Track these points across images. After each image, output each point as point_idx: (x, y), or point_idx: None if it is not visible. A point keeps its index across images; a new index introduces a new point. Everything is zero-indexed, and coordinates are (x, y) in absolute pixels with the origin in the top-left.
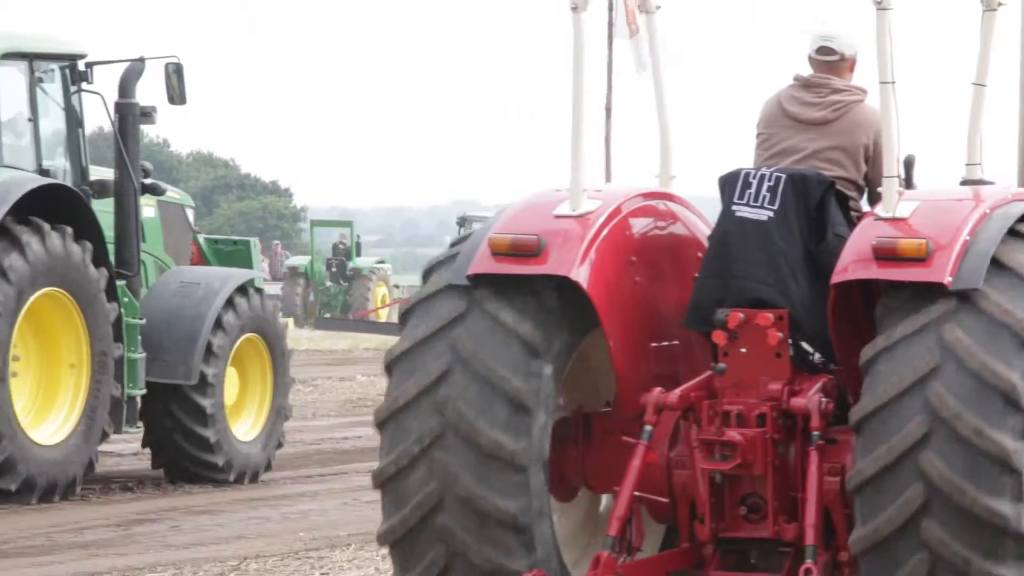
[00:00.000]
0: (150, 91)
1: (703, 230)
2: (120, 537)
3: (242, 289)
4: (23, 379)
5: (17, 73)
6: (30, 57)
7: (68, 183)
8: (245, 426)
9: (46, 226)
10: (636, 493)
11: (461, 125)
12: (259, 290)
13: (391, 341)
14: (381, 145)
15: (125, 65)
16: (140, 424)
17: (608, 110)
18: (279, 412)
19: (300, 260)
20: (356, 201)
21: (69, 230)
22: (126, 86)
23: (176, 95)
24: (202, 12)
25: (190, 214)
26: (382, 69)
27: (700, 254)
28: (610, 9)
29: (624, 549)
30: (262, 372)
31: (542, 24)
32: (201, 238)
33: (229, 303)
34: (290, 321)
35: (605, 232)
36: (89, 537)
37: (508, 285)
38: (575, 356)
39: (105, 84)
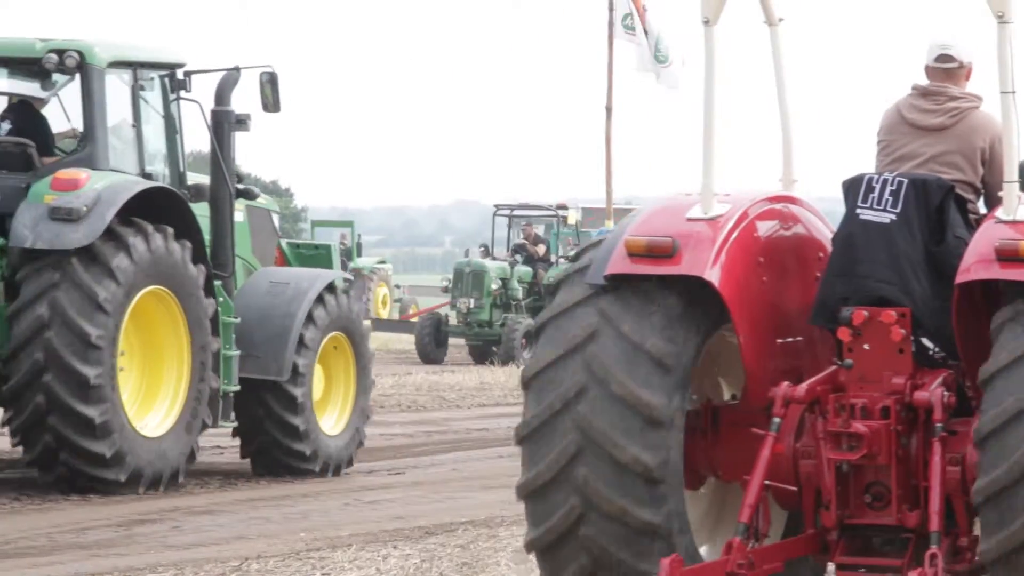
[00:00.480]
0: (245, 99)
1: (824, 232)
2: (121, 537)
3: (328, 288)
4: (127, 373)
5: (122, 81)
6: (134, 66)
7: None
8: (330, 421)
9: (150, 227)
10: (766, 482)
11: (462, 125)
12: (345, 291)
13: (395, 340)
14: (382, 145)
15: (221, 74)
16: (233, 418)
17: (609, 110)
18: (362, 411)
19: None
20: (356, 201)
21: (171, 231)
22: (222, 94)
23: (270, 103)
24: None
25: (276, 219)
26: (383, 69)
27: (822, 254)
28: (610, 9)
29: (753, 535)
30: (346, 370)
31: (541, 24)
32: (283, 242)
33: (319, 300)
34: None
35: (735, 234)
36: (90, 537)
37: (637, 298)
38: (701, 356)
39: (202, 92)
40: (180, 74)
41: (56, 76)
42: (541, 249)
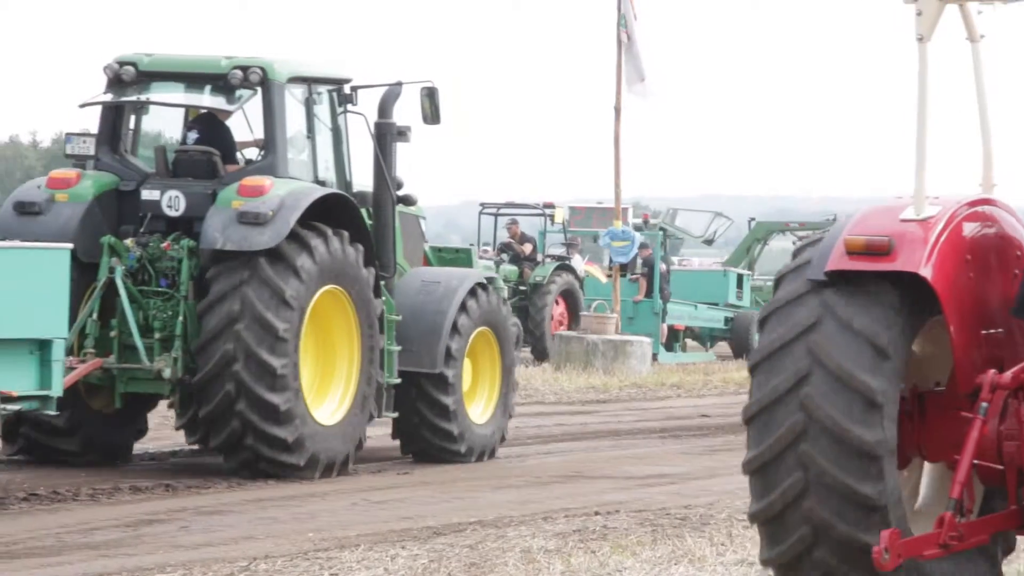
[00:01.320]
0: (406, 112)
1: (1022, 232)
2: (129, 537)
3: (476, 287)
4: (304, 366)
5: (297, 95)
6: (308, 81)
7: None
8: (477, 411)
9: (328, 231)
10: (973, 461)
11: (469, 124)
12: (493, 288)
13: None
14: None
15: (384, 89)
16: (394, 410)
17: (617, 111)
18: (507, 402)
19: None
20: None
21: (346, 234)
22: (385, 107)
23: (429, 116)
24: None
25: (423, 224)
26: (393, 69)
27: (1020, 253)
28: (619, 9)
29: (960, 510)
30: (491, 364)
31: (549, 24)
32: (426, 246)
33: (468, 298)
34: None
35: (945, 234)
36: (98, 538)
37: (856, 291)
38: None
39: (366, 105)
40: (347, 89)
41: (240, 91)
42: (527, 248)
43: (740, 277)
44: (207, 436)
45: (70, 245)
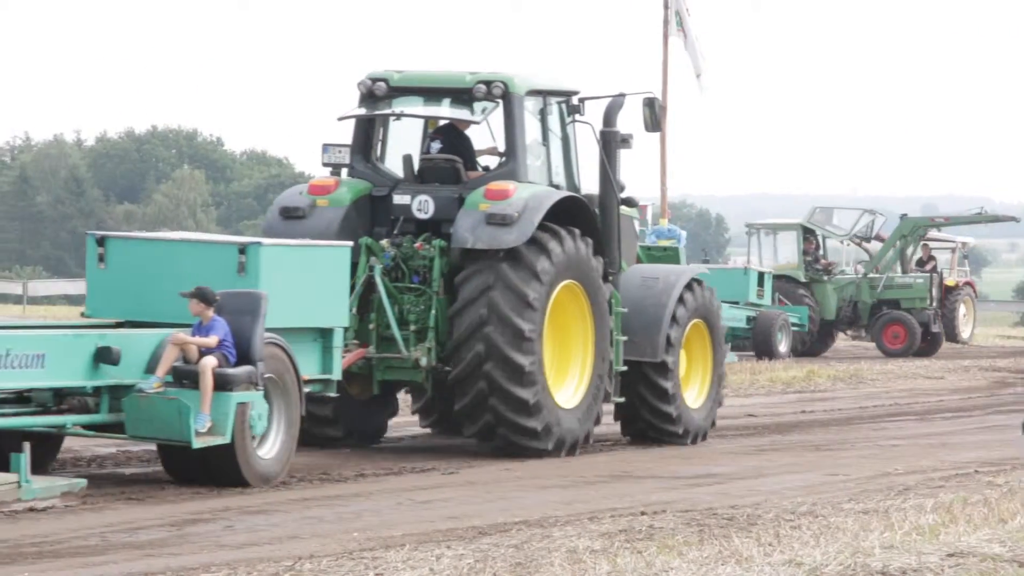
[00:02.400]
0: (629, 121)
1: None
2: (174, 537)
3: (692, 282)
4: (544, 356)
5: (534, 107)
6: (543, 94)
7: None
8: (692, 396)
9: (563, 231)
10: None
11: None
12: (702, 283)
13: None
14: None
15: (608, 100)
16: (620, 395)
17: (663, 108)
18: (718, 389)
19: None
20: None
21: (578, 231)
22: (609, 117)
23: (650, 124)
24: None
25: (636, 224)
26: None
27: None
28: (665, 7)
29: None
30: (704, 353)
31: (595, 20)
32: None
33: (688, 288)
34: None
35: None
36: (143, 537)
37: None
38: None
39: (592, 115)
40: (575, 100)
41: (483, 103)
42: None
43: (761, 275)
44: (440, 421)
45: (350, 243)
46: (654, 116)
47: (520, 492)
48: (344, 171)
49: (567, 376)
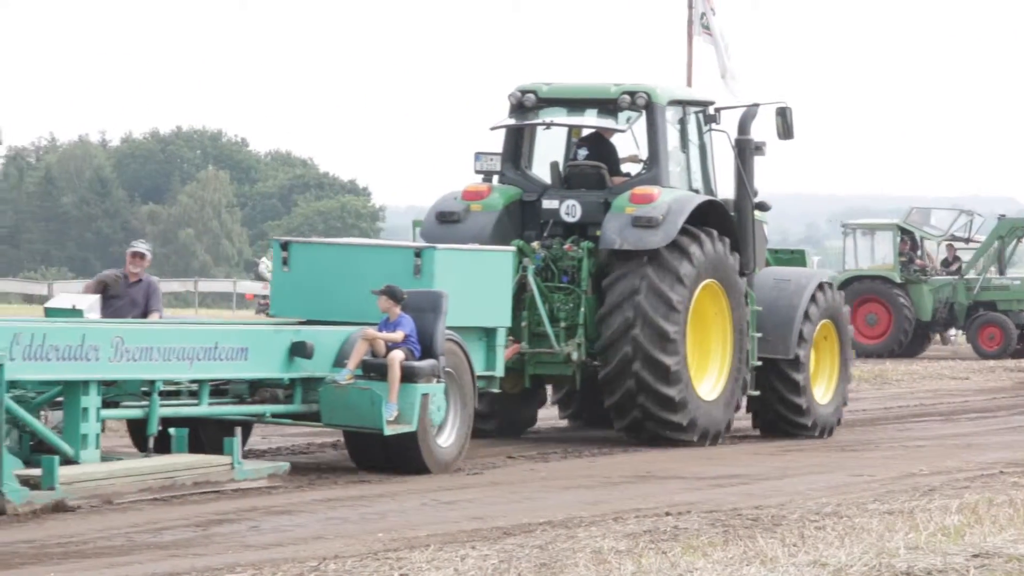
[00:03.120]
0: (762, 129)
1: None
2: (199, 537)
3: (822, 285)
4: (687, 352)
5: (674, 116)
6: (683, 104)
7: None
8: (820, 392)
9: (703, 233)
10: None
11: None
12: (832, 286)
13: None
14: (459, 145)
15: (743, 109)
16: (755, 389)
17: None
18: (845, 387)
19: None
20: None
21: (715, 233)
22: (744, 125)
23: (782, 132)
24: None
25: (766, 228)
26: (461, 67)
27: None
28: (690, 7)
29: None
30: (831, 351)
31: (620, 20)
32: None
33: (819, 289)
34: None
35: None
36: (167, 538)
37: None
38: None
39: (728, 124)
40: (711, 110)
41: (628, 112)
42: None
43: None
44: (578, 413)
45: (514, 248)
46: (786, 125)
47: (545, 493)
48: (495, 177)
49: (708, 369)
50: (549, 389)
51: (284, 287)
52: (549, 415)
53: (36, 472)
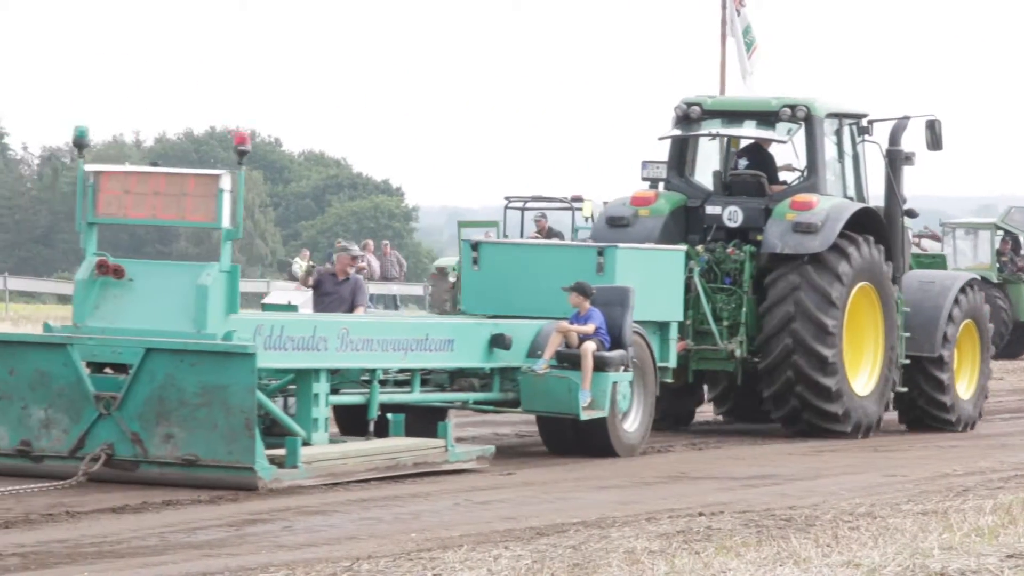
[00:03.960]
0: (912, 140)
1: None
2: (233, 537)
3: (965, 286)
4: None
5: (831, 127)
6: (839, 116)
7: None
8: (962, 388)
9: (860, 238)
10: None
11: (575, 121)
12: (974, 287)
13: None
14: (493, 143)
15: (894, 121)
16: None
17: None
18: (984, 383)
19: (448, 260)
20: (467, 200)
21: (871, 238)
22: (895, 137)
23: (931, 144)
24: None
25: (909, 233)
26: (491, 68)
27: None
28: (723, 7)
29: None
30: (972, 349)
31: (652, 21)
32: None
33: (962, 291)
34: None
35: None
36: (201, 537)
37: None
38: None
39: (879, 135)
40: (864, 122)
41: (788, 124)
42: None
43: None
44: (734, 409)
45: (684, 247)
46: (935, 136)
47: (578, 493)
48: (660, 184)
49: (861, 366)
50: (704, 388)
51: (474, 285)
52: (702, 410)
53: (280, 452)
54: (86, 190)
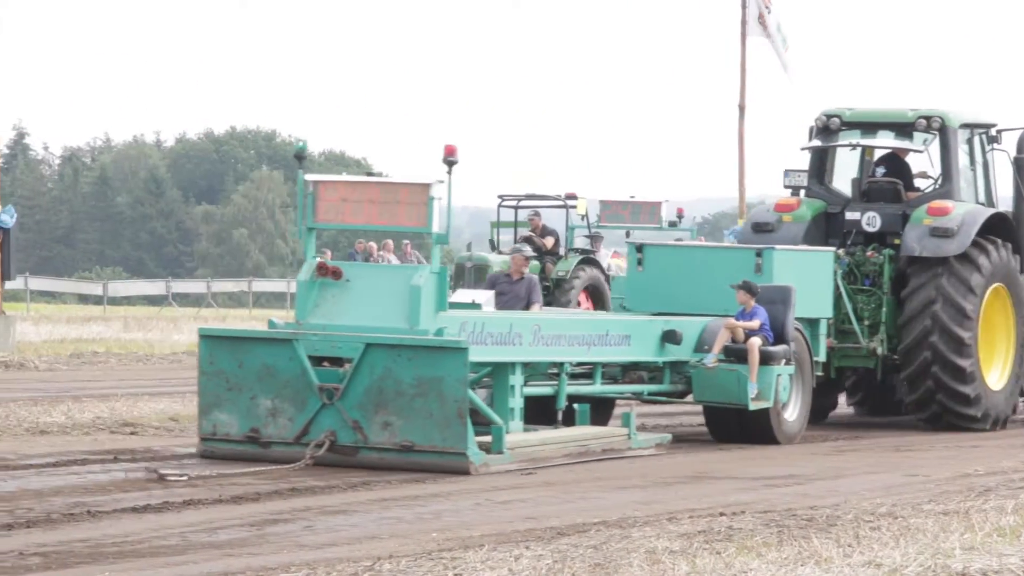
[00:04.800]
0: None
1: None
2: (253, 537)
3: None
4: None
5: (963, 137)
6: (971, 126)
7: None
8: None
9: (990, 244)
10: None
11: (635, 120)
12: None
13: None
14: (515, 143)
15: (1021, 131)
16: None
17: (742, 108)
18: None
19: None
20: (489, 200)
21: (1003, 241)
22: (1022, 145)
23: None
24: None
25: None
26: (517, 66)
27: None
28: (743, 7)
29: None
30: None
31: (672, 21)
32: None
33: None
34: None
35: None
36: (222, 537)
37: None
38: None
39: (1007, 144)
40: (994, 131)
41: (923, 135)
42: (549, 242)
43: None
44: (864, 401)
45: (833, 249)
46: None
47: (598, 493)
48: (802, 191)
49: (994, 361)
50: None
51: (638, 285)
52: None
53: (487, 439)
54: (306, 198)
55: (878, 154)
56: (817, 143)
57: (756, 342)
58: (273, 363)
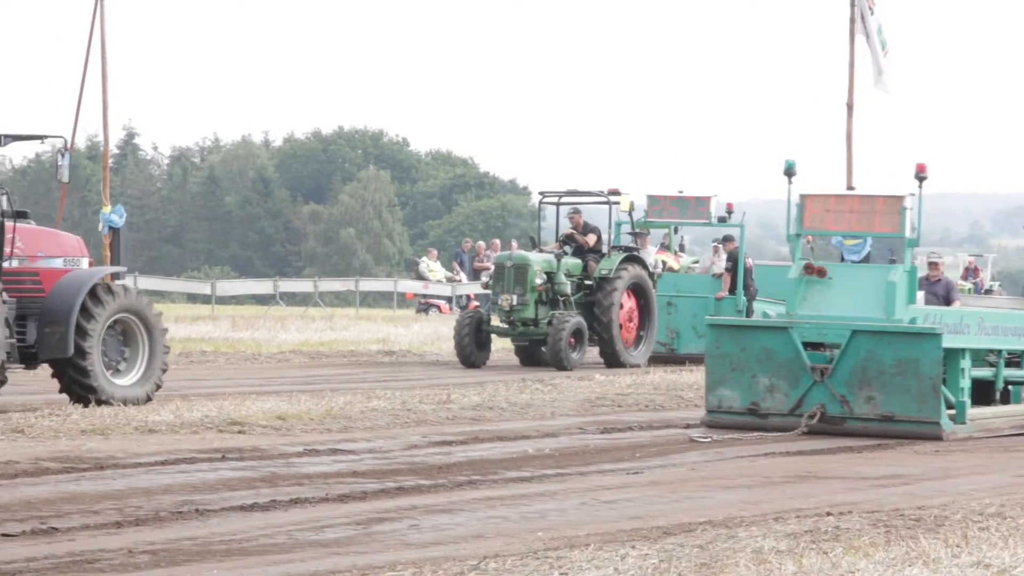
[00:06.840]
0: None
1: None
2: (360, 535)
3: None
4: None
5: None
6: None
7: None
8: None
9: None
10: None
11: (695, 120)
12: None
13: None
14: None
15: None
16: None
17: (850, 107)
18: None
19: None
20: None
21: None
22: None
23: None
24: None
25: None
26: (622, 64)
27: None
28: (852, 5)
29: None
30: None
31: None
32: None
33: None
34: None
35: None
36: (329, 535)
37: None
38: None
39: None
40: None
41: None
42: (591, 239)
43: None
44: None
45: None
46: None
47: (704, 492)
48: None
49: None
50: None
51: None
52: None
53: (951, 412)
54: (793, 208)
55: None
56: None
57: None
58: (771, 347)
